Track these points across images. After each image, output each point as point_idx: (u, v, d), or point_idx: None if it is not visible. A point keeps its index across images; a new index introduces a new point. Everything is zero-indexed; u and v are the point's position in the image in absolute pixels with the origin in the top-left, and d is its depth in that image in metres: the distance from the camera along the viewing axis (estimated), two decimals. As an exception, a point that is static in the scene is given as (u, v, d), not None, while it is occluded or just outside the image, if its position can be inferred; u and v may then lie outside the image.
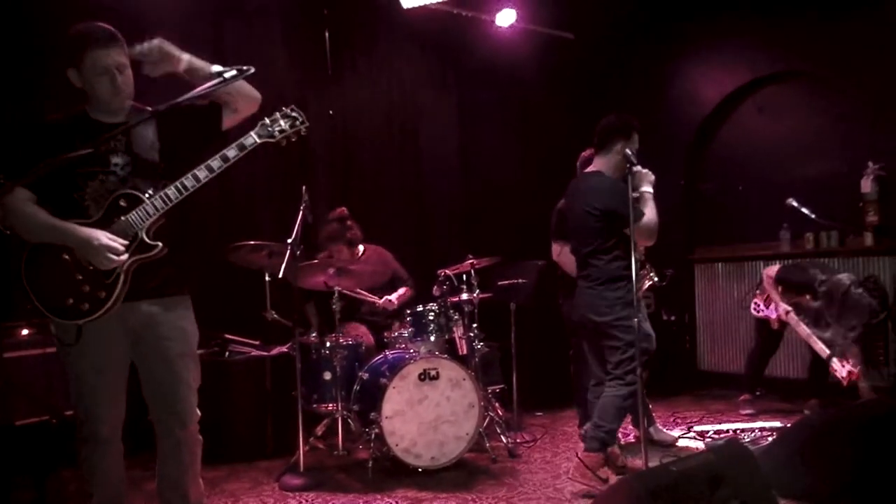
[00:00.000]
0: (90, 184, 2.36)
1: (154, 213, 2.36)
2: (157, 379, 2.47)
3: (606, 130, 3.72)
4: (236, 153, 2.45)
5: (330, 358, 4.20)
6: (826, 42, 5.50)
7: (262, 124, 2.51)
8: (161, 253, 2.38)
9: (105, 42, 2.32)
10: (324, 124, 5.64)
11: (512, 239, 5.73)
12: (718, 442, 4.16)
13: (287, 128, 2.54)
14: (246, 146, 2.47)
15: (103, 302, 2.32)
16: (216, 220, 4.66)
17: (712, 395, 5.88)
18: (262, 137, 2.50)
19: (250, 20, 5.31)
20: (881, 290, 5.22)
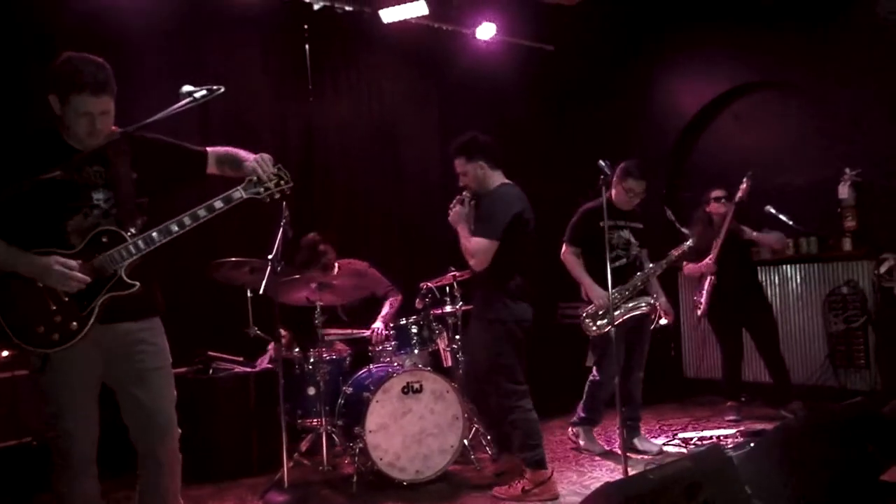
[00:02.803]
0: (74, 217, 2.37)
1: (135, 253, 2.38)
2: (134, 395, 2.46)
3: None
4: (222, 205, 2.50)
5: (314, 373, 4.20)
6: (800, 52, 5.60)
7: (249, 181, 2.55)
8: (137, 292, 2.40)
9: (96, 91, 2.31)
10: (304, 139, 5.67)
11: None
12: (699, 449, 4.19)
13: (272, 187, 2.58)
14: (233, 199, 2.52)
15: (74, 333, 2.33)
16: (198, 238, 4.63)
17: (698, 401, 5.91)
18: (249, 194, 2.55)
19: (230, 36, 5.34)
20: (860, 295, 5.29)
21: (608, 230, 4.23)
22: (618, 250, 4.39)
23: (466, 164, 3.64)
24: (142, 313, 2.50)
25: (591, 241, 4.24)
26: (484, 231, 3.55)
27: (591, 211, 4.40)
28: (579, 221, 4.46)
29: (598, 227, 4.07)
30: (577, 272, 4.42)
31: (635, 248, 4.45)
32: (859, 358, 5.26)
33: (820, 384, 5.36)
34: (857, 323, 5.27)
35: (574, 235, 4.45)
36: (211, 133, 5.14)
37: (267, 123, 5.55)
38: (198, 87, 2.36)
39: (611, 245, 4.29)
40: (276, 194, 2.60)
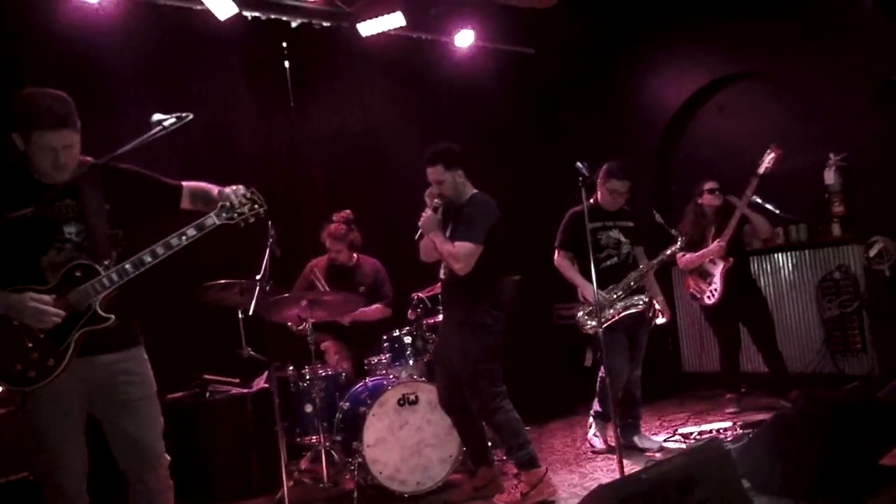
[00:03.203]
0: (48, 252, 2.37)
1: (109, 285, 2.38)
2: (121, 427, 2.46)
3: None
4: (195, 233, 2.50)
5: (309, 390, 4.19)
6: (777, 40, 5.61)
7: (222, 206, 2.54)
8: (113, 325, 2.40)
9: (55, 125, 2.31)
10: (289, 155, 5.68)
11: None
12: (694, 445, 4.19)
13: (246, 212, 2.58)
14: (205, 226, 2.52)
15: (51, 370, 2.33)
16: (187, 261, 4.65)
17: (698, 396, 5.90)
18: (222, 220, 2.55)
19: (210, 58, 5.35)
20: (853, 279, 5.30)
21: (597, 231, 4.38)
22: (608, 250, 4.44)
23: (445, 172, 3.67)
24: (123, 344, 2.50)
25: (582, 244, 4.23)
26: (469, 235, 3.59)
27: (578, 214, 4.44)
28: (567, 225, 4.54)
29: (583, 228, 4.09)
30: (570, 275, 4.47)
31: (627, 247, 4.48)
32: (855, 342, 5.27)
33: (818, 371, 5.37)
34: (851, 307, 5.28)
35: (564, 239, 4.52)
36: (195, 155, 5.17)
37: (251, 142, 5.56)
38: (168, 114, 2.36)
39: (601, 245, 4.40)
40: (251, 218, 2.60)
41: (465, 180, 3.77)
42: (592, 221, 4.40)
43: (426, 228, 3.67)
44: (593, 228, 4.39)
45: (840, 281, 5.35)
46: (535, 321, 5.50)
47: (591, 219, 4.33)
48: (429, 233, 3.67)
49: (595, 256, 4.37)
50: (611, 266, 4.39)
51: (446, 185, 3.69)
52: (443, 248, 3.64)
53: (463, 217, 3.67)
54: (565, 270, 4.50)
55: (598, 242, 4.41)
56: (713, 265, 5.04)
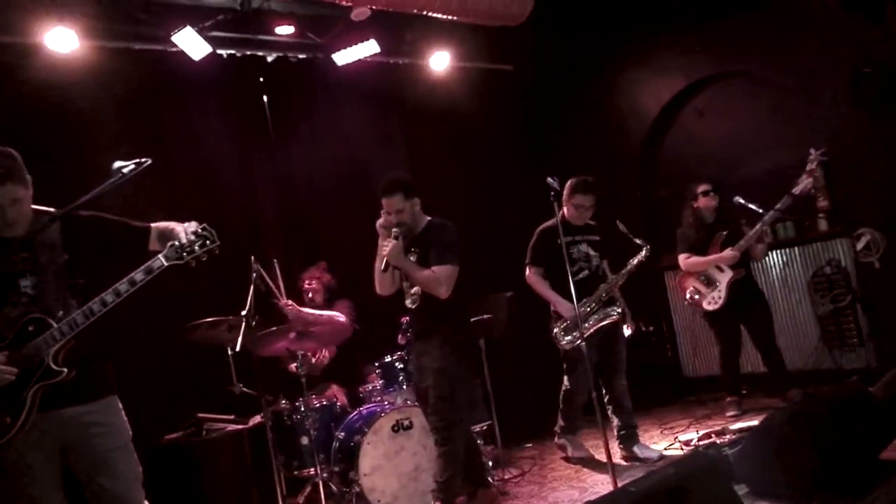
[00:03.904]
0: (5, 307, 2.38)
1: (60, 338, 2.37)
2: (97, 481, 2.45)
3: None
4: (143, 277, 2.47)
5: (303, 422, 4.18)
6: (749, 40, 5.65)
7: (171, 246, 2.51)
8: (67, 378, 2.38)
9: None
10: (273, 189, 5.70)
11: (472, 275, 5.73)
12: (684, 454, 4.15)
13: (197, 249, 2.54)
14: (153, 269, 2.48)
15: (8, 428, 2.32)
16: (174, 303, 4.67)
17: (699, 400, 5.86)
18: (171, 260, 2.51)
19: (187, 97, 5.39)
20: (844, 273, 5.28)
21: (568, 246, 4.37)
22: (580, 263, 4.53)
23: (404, 201, 3.68)
24: (90, 395, 2.48)
25: (552, 259, 4.45)
26: (448, 258, 3.62)
27: (547, 230, 4.60)
28: (537, 242, 4.64)
29: (555, 245, 4.27)
30: (542, 291, 4.57)
31: (596, 260, 4.58)
32: (851, 336, 5.25)
33: (816, 368, 5.34)
34: (845, 301, 5.26)
35: (534, 256, 4.62)
36: (178, 196, 5.19)
37: (234, 178, 5.58)
38: (129, 161, 2.37)
39: (572, 259, 4.47)
40: (203, 256, 2.56)
41: (420, 208, 3.80)
42: (563, 236, 4.48)
43: (394, 259, 3.60)
44: (563, 243, 4.47)
45: (831, 276, 5.34)
46: (529, 337, 5.46)
47: (560, 234, 4.45)
48: (397, 262, 3.62)
49: (566, 270, 4.45)
50: (583, 279, 4.48)
51: (406, 214, 3.69)
52: (420, 275, 3.61)
53: (432, 243, 3.69)
54: (538, 287, 4.60)
55: (570, 256, 4.46)
56: (720, 273, 5.00)
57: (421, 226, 3.79)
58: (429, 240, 3.72)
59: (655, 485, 2.48)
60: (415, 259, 3.69)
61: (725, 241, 5.01)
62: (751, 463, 3.24)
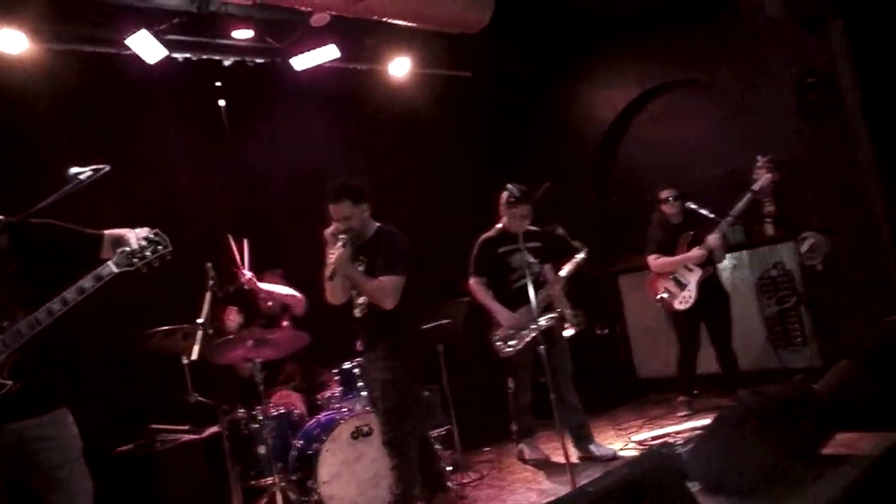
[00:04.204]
0: None
1: (4, 349, 2.32)
2: (48, 498, 2.39)
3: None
4: (92, 284, 2.43)
5: (261, 431, 4.14)
6: (701, 50, 5.83)
7: (121, 252, 2.47)
8: (12, 390, 2.33)
9: None
10: (232, 195, 5.64)
11: (432, 281, 5.75)
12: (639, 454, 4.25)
13: (149, 255, 2.51)
14: (103, 276, 2.45)
15: None
16: (127, 311, 4.59)
17: (653, 401, 5.99)
18: (121, 267, 2.47)
19: (141, 103, 5.30)
20: (789, 275, 5.47)
21: (508, 255, 4.62)
22: (520, 271, 4.58)
23: (353, 207, 3.62)
24: (37, 408, 2.41)
25: (492, 269, 4.65)
26: (394, 268, 3.56)
27: (486, 240, 4.74)
28: (478, 253, 4.74)
29: (495, 254, 4.55)
30: (483, 300, 4.68)
31: (537, 267, 4.67)
32: (796, 336, 5.44)
33: (763, 368, 5.51)
34: (790, 303, 5.46)
35: (476, 266, 4.72)
36: (133, 202, 5.09)
37: (191, 184, 5.51)
38: (85, 167, 2.33)
39: (512, 267, 4.62)
40: (155, 262, 2.54)
41: (369, 214, 3.73)
42: (503, 245, 4.66)
43: (341, 267, 3.54)
44: (504, 252, 4.65)
45: (777, 278, 5.52)
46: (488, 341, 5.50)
47: (500, 243, 4.64)
48: (344, 271, 3.57)
49: (508, 278, 4.63)
50: (523, 286, 4.47)
51: (354, 221, 3.63)
52: (367, 285, 3.57)
53: (380, 251, 3.63)
54: (479, 296, 4.69)
55: (510, 265, 4.63)
56: (689, 272, 5.10)
57: (370, 232, 3.73)
58: (377, 248, 3.65)
59: (612, 484, 2.53)
60: (362, 268, 3.63)
61: (692, 241, 5.12)
62: (703, 460, 3.34)
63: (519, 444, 4.82)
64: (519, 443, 4.82)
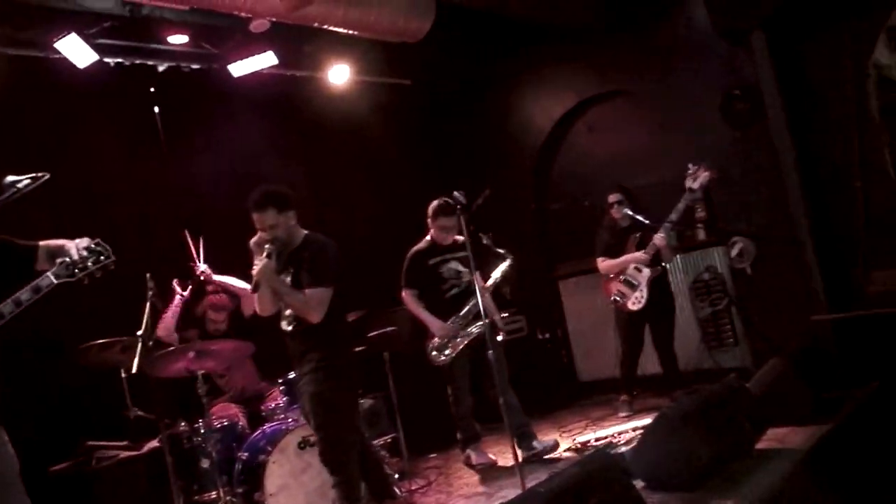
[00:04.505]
0: None
1: None
2: None
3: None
4: (30, 296, 2.35)
5: (204, 444, 4.04)
6: (632, 62, 6.04)
7: (61, 263, 2.39)
8: None
9: None
10: (168, 202, 5.50)
11: (376, 289, 5.74)
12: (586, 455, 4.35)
13: (91, 265, 2.44)
14: (42, 288, 2.37)
15: None
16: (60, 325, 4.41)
17: (594, 402, 6.13)
18: (61, 278, 2.40)
19: (73, 108, 5.11)
20: (720, 279, 5.71)
21: (438, 266, 4.75)
22: (451, 280, 4.77)
23: (278, 215, 3.47)
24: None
25: (424, 280, 4.76)
26: (321, 280, 3.43)
27: (416, 253, 4.84)
28: (408, 265, 4.83)
29: (425, 266, 4.69)
30: (416, 311, 4.79)
31: (467, 276, 4.76)
32: (728, 337, 5.68)
33: (698, 368, 5.70)
34: (721, 305, 5.69)
35: (408, 279, 4.82)
36: (64, 212, 4.90)
37: (125, 192, 5.34)
38: (22, 175, 2.24)
39: (443, 278, 4.75)
40: (97, 272, 2.47)
41: (296, 222, 3.59)
42: (433, 257, 4.76)
43: (266, 279, 3.39)
44: (434, 263, 4.76)
45: (709, 281, 5.75)
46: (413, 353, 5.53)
47: (430, 255, 4.75)
48: (270, 283, 3.42)
49: (440, 288, 4.73)
50: (455, 295, 4.74)
51: (280, 230, 3.48)
52: (292, 297, 3.44)
53: (306, 261, 3.49)
54: (413, 308, 4.79)
55: (441, 275, 4.75)
56: (639, 273, 5.18)
57: (297, 241, 3.58)
58: (303, 258, 3.51)
59: (561, 485, 2.59)
60: (289, 278, 3.49)
61: (639, 242, 5.24)
62: (645, 459, 3.45)
63: (465, 450, 4.85)
64: (465, 449, 4.85)
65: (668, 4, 5.76)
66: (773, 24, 5.14)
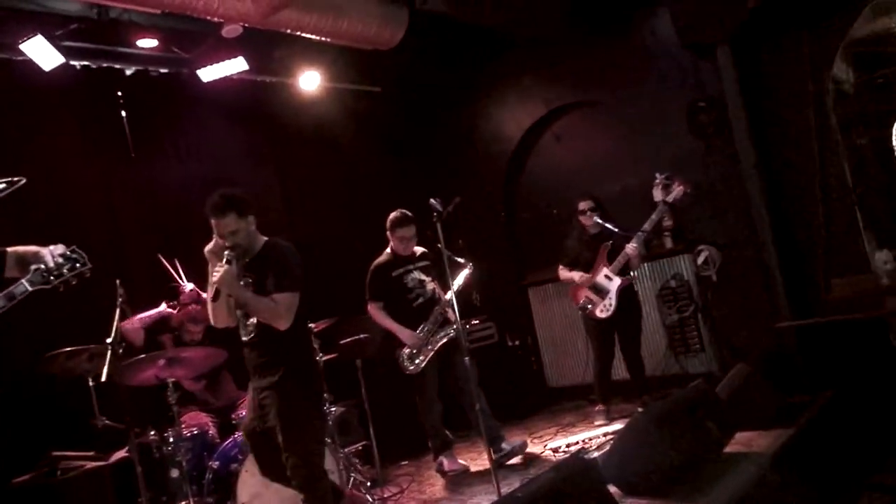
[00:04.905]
0: None
1: None
2: None
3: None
4: (4, 304, 2.32)
5: (174, 454, 3.98)
6: (603, 72, 6.15)
7: (36, 270, 2.36)
8: None
9: None
10: (136, 208, 5.42)
11: (348, 296, 5.72)
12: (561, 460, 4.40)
13: (66, 272, 2.42)
14: (16, 296, 2.34)
15: None
16: (25, 332, 4.31)
17: (563, 408, 6.20)
18: (36, 285, 2.37)
19: (37, 112, 5.01)
20: (686, 286, 5.82)
21: (402, 277, 4.80)
22: (416, 290, 4.82)
23: (239, 220, 3.35)
24: None
25: (388, 292, 4.81)
26: (287, 285, 3.34)
27: (379, 266, 4.89)
28: (372, 278, 4.87)
29: (389, 278, 4.76)
30: (384, 322, 4.82)
31: (430, 285, 4.86)
32: (694, 343, 5.79)
33: (665, 373, 5.82)
34: (688, 312, 5.80)
35: (372, 291, 4.85)
36: (30, 218, 4.79)
37: (92, 198, 5.24)
38: (7, 177, 2.21)
39: (408, 288, 4.80)
40: (72, 279, 2.44)
41: (255, 227, 3.49)
42: (395, 268, 4.82)
43: (228, 286, 3.26)
44: (398, 275, 4.82)
45: (676, 288, 5.87)
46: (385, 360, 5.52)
47: (392, 267, 4.81)
48: (231, 291, 3.30)
49: (406, 298, 4.79)
50: (421, 304, 4.80)
51: (240, 235, 3.37)
52: (258, 304, 3.31)
53: (270, 266, 3.39)
54: (380, 319, 4.82)
55: (406, 286, 4.81)
56: (609, 281, 5.14)
57: (257, 247, 3.48)
58: (266, 264, 3.41)
59: (539, 490, 2.63)
60: (250, 286, 3.38)
61: (611, 251, 5.21)
62: (617, 464, 3.50)
63: (438, 457, 4.86)
64: (437, 456, 4.86)
65: (636, 17, 5.89)
66: (738, 38, 5.27)
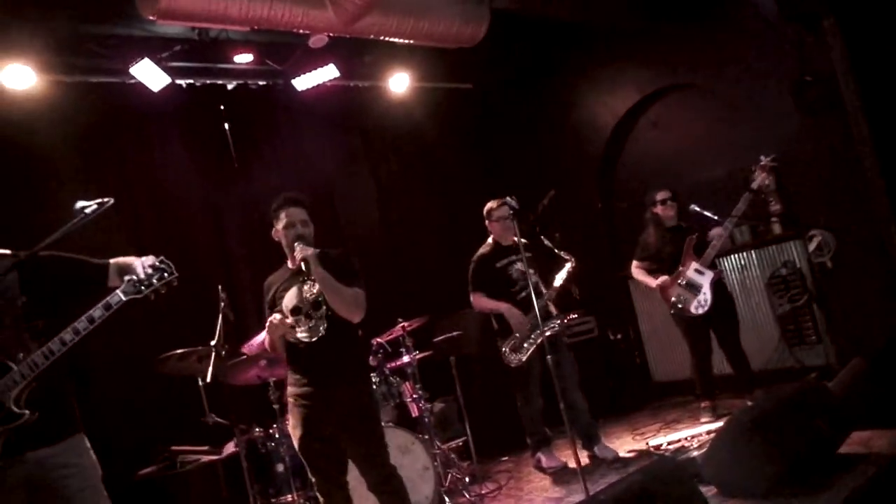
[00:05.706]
0: None
1: (21, 380, 2.36)
2: None
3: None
4: (102, 313, 2.47)
5: (278, 449, 4.18)
6: (697, 54, 5.84)
7: (129, 281, 2.52)
8: (30, 420, 2.37)
9: None
10: (240, 217, 5.71)
11: (441, 295, 5.78)
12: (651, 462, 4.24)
13: (155, 282, 2.56)
14: (112, 305, 2.48)
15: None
16: (142, 335, 4.66)
17: (669, 404, 5.97)
18: (129, 295, 2.51)
19: (147, 129, 5.40)
20: (798, 274, 5.46)
21: (506, 268, 4.69)
22: (520, 282, 4.66)
23: (307, 216, 3.40)
24: (54, 436, 2.45)
25: (490, 283, 4.69)
26: (357, 280, 3.30)
27: (482, 256, 4.79)
28: (476, 269, 4.77)
29: (493, 269, 4.66)
30: (491, 305, 4.70)
31: (534, 277, 4.63)
32: (810, 334, 5.42)
33: (779, 367, 5.49)
34: (801, 301, 5.44)
35: (475, 282, 4.75)
36: (143, 229, 5.18)
37: (200, 208, 5.59)
38: (90, 201, 2.39)
39: (513, 280, 4.67)
40: (162, 289, 2.58)
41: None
42: (499, 259, 4.71)
43: (314, 263, 3.15)
44: (502, 266, 4.71)
45: (787, 276, 5.51)
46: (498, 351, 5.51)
47: (496, 258, 4.70)
48: (318, 270, 3.15)
49: (510, 291, 4.66)
50: (524, 297, 4.59)
51: (309, 228, 3.38)
52: (343, 288, 3.18)
53: (331, 264, 3.27)
54: (485, 304, 4.71)
55: (511, 277, 4.68)
56: (701, 276, 4.89)
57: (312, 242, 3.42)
58: (325, 261, 3.27)
59: (623, 491, 2.56)
60: (309, 286, 3.24)
61: (698, 243, 4.95)
62: (717, 464, 3.35)
63: (536, 453, 4.82)
64: (536, 452, 4.83)
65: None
66: (844, 6, 4.87)
